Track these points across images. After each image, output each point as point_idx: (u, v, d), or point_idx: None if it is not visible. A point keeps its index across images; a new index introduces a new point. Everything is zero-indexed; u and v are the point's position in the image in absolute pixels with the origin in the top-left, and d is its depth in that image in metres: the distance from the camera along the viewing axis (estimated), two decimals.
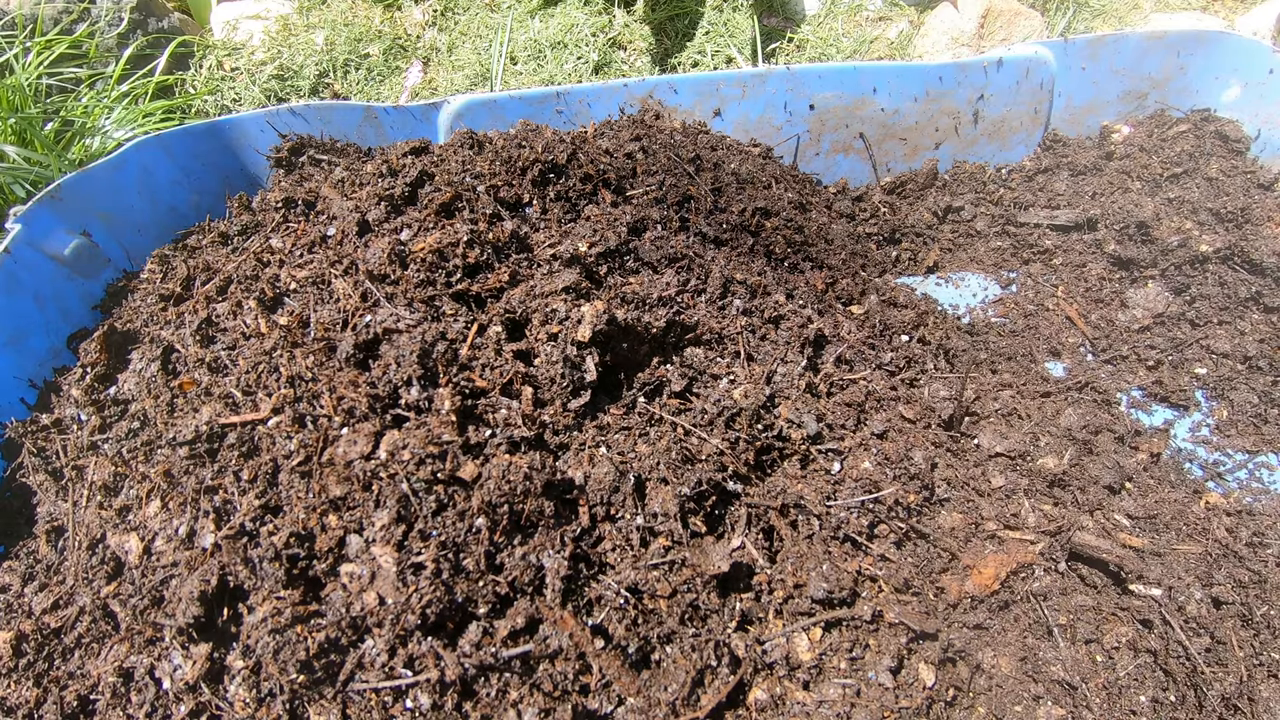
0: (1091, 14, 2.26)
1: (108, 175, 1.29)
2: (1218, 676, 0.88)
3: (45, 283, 1.19)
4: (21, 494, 1.03)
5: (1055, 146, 1.65)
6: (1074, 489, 1.08)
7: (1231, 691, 0.86)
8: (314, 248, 1.04)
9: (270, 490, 0.81)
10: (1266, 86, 1.49)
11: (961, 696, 0.84)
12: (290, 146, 1.41)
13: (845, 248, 1.40)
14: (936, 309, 1.37)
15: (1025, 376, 1.27)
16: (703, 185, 1.26)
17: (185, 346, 1.02)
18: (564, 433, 0.88)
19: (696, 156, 1.30)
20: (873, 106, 1.57)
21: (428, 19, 2.29)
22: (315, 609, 0.73)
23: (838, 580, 0.86)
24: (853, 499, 0.94)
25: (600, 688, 0.75)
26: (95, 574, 0.89)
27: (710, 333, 1.03)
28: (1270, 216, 1.36)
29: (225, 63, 2.18)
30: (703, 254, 1.16)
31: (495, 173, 1.09)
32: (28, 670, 0.84)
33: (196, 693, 0.75)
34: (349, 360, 0.86)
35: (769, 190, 1.38)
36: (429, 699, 0.71)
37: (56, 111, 1.80)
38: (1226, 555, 1.01)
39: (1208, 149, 1.51)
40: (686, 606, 0.81)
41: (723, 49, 2.14)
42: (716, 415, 0.94)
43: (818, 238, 1.36)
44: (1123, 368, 1.33)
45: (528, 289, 0.95)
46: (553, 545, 0.79)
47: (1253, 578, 0.97)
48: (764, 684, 0.80)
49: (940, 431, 1.11)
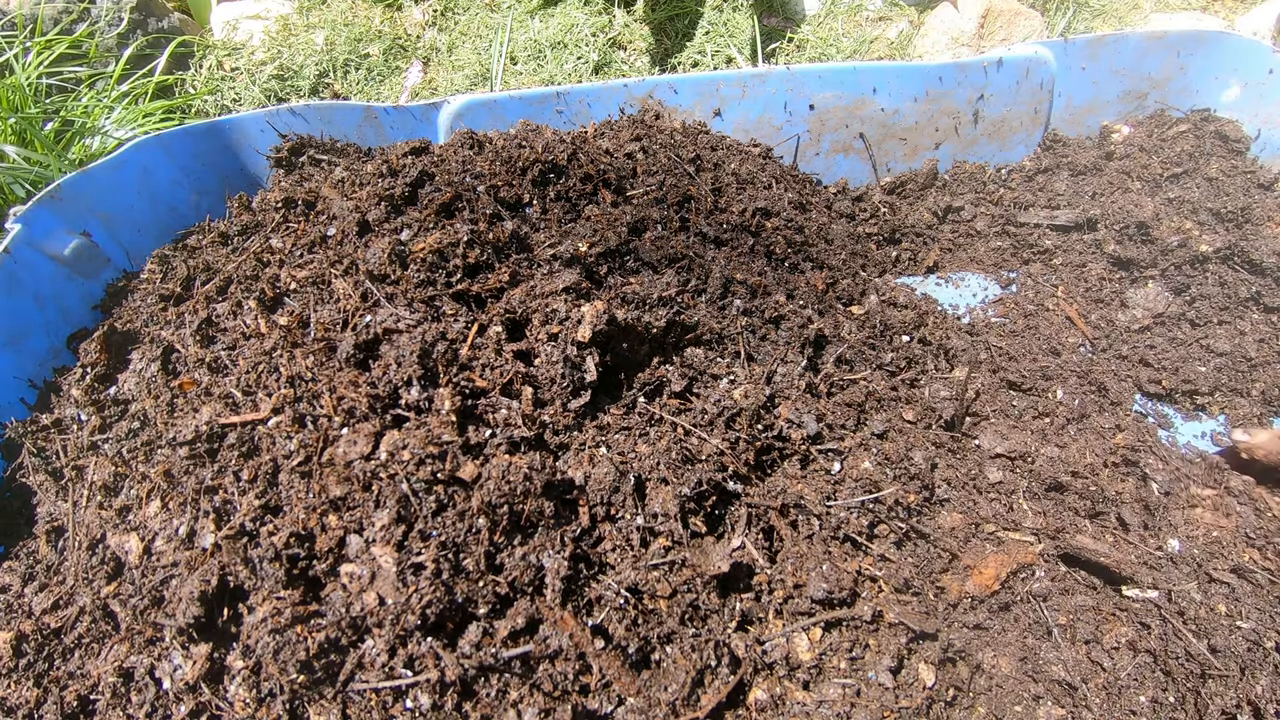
0: (1091, 14, 2.25)
1: (108, 175, 1.29)
2: (1219, 677, 0.88)
3: (45, 283, 1.19)
4: (21, 494, 1.03)
5: (1055, 146, 1.65)
6: (1073, 492, 1.08)
7: (1230, 703, 0.86)
8: (314, 248, 1.04)
9: (270, 490, 0.81)
10: (1266, 86, 1.49)
11: (961, 696, 0.84)
12: (290, 146, 1.41)
13: (845, 248, 1.40)
14: (936, 309, 1.37)
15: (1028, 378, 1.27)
16: (703, 185, 1.26)
17: (185, 346, 1.02)
18: (564, 433, 0.88)
19: (696, 156, 1.30)
20: (873, 106, 1.57)
21: (428, 19, 2.29)
22: (315, 609, 0.73)
23: (838, 580, 0.86)
24: (853, 499, 0.94)
25: (600, 688, 0.75)
26: (95, 574, 0.89)
27: (710, 333, 1.03)
28: (1270, 216, 1.37)
29: (225, 63, 2.18)
30: (703, 254, 1.16)
31: (495, 173, 1.09)
32: (28, 670, 0.84)
33: (196, 693, 0.75)
34: (349, 360, 0.86)
35: (769, 190, 1.38)
36: (429, 699, 0.71)
37: (56, 111, 1.80)
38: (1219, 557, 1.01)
39: (1208, 149, 1.51)
40: (687, 607, 0.81)
41: (723, 49, 2.14)
42: (717, 415, 0.94)
43: (818, 238, 1.36)
44: (1122, 368, 1.33)
45: (528, 289, 0.95)
46: (553, 545, 0.79)
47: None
48: (764, 684, 0.80)
49: (941, 432, 1.11)
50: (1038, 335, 1.37)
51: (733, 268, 1.15)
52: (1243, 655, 0.90)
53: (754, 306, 1.12)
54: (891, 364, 1.19)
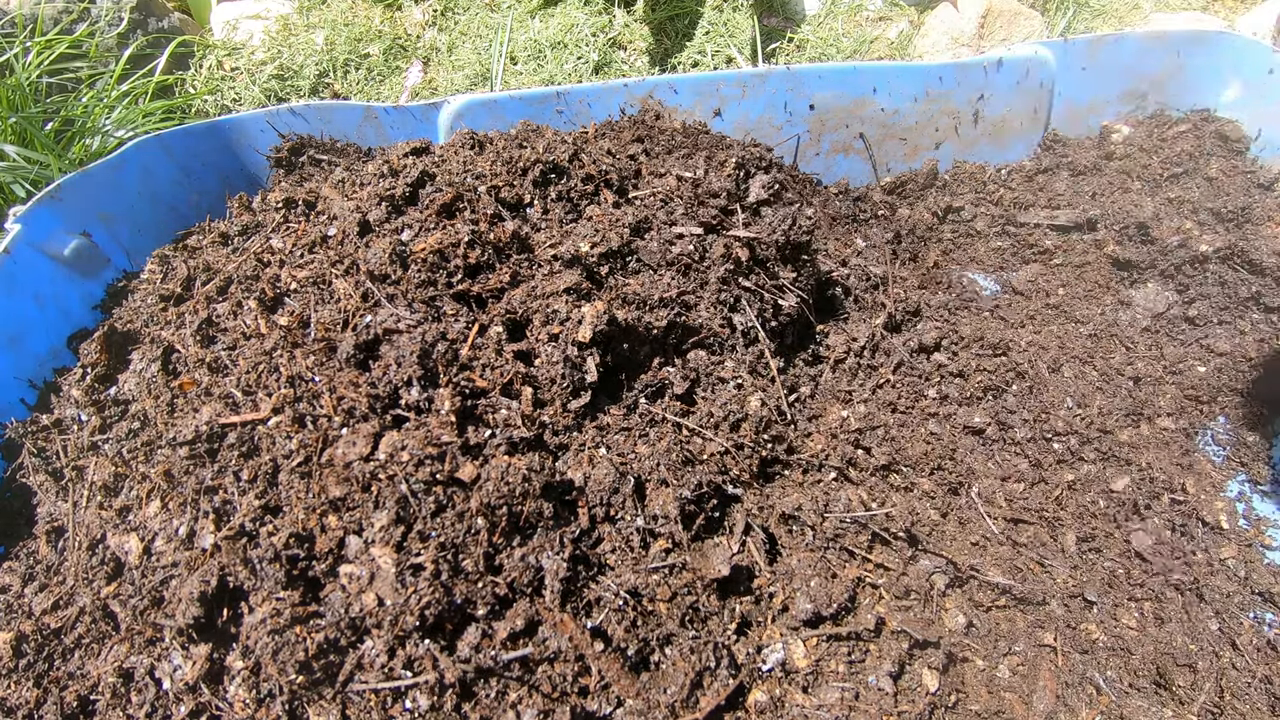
0: (1091, 14, 2.25)
1: (108, 175, 1.29)
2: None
3: (45, 283, 1.19)
4: (21, 494, 1.03)
5: (1055, 146, 1.65)
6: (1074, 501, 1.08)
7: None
8: (314, 248, 1.04)
9: (270, 490, 0.81)
10: (1266, 86, 1.49)
11: (963, 701, 0.84)
12: (290, 146, 1.41)
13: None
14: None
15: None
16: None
17: (185, 347, 1.02)
18: (564, 433, 0.88)
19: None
20: (873, 106, 1.57)
21: (428, 19, 2.29)
22: (314, 610, 0.73)
23: (838, 587, 0.86)
24: (860, 511, 0.93)
25: (599, 690, 0.75)
26: (95, 574, 0.89)
27: (713, 335, 1.03)
28: (1270, 216, 1.36)
29: (225, 63, 2.18)
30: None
31: (496, 173, 1.09)
32: (28, 670, 0.84)
33: (196, 693, 0.75)
34: (349, 360, 0.86)
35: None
36: (427, 700, 0.71)
37: (56, 111, 1.80)
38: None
39: (1208, 149, 1.51)
40: (686, 609, 0.81)
41: (723, 49, 2.14)
42: (722, 419, 0.94)
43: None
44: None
45: (529, 289, 0.95)
46: (552, 547, 0.79)
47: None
48: (763, 686, 0.80)
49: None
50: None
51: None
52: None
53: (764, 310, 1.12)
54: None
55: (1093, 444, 1.13)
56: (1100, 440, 1.14)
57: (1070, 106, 1.65)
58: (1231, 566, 1.00)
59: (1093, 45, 1.58)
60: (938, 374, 1.19)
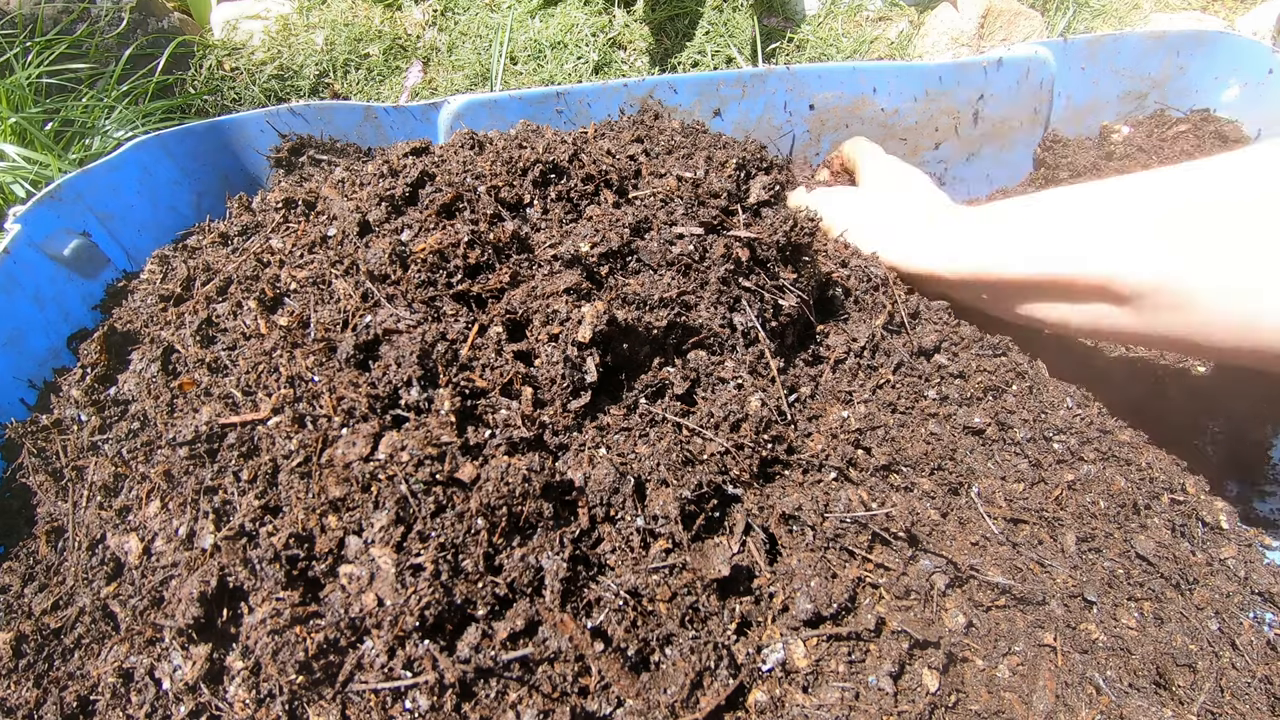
0: (1091, 14, 2.25)
1: (108, 175, 1.29)
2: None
3: (45, 283, 1.19)
4: (21, 494, 1.03)
5: (1055, 147, 1.65)
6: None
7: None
8: (314, 248, 1.04)
9: (270, 491, 0.81)
10: (1266, 86, 1.49)
11: (963, 701, 0.84)
12: (290, 146, 1.41)
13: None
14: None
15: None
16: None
17: (185, 347, 1.02)
18: (564, 433, 0.88)
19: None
20: (872, 106, 1.57)
21: (428, 19, 2.29)
22: (314, 610, 0.73)
23: (838, 587, 0.86)
24: (860, 511, 0.93)
25: (599, 690, 0.75)
26: (95, 574, 0.89)
27: (713, 336, 1.03)
28: None
29: (225, 63, 2.18)
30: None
31: (496, 173, 1.09)
32: (28, 671, 0.84)
33: (196, 693, 0.75)
34: (349, 361, 0.86)
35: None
36: (427, 700, 0.71)
37: (56, 111, 1.80)
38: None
39: (1207, 149, 1.51)
40: (687, 609, 0.81)
41: (723, 49, 2.14)
42: (722, 419, 0.94)
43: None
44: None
45: (529, 289, 0.95)
46: (552, 547, 0.79)
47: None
48: (763, 686, 0.80)
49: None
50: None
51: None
52: None
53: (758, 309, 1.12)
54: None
55: (1093, 444, 1.13)
56: (1100, 440, 1.14)
57: (1070, 106, 1.65)
58: (1231, 566, 1.00)
59: (1092, 45, 1.58)
60: (938, 375, 1.19)
